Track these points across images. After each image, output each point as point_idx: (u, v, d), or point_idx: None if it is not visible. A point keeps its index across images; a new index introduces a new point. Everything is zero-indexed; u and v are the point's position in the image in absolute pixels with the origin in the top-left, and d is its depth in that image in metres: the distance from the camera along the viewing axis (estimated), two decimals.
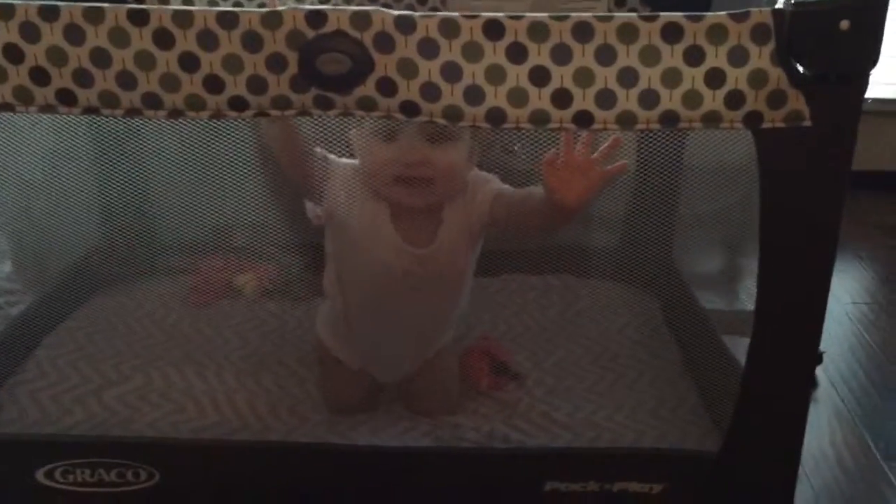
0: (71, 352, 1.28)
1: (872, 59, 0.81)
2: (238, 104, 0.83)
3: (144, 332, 1.36)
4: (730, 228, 1.72)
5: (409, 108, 0.83)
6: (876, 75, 0.83)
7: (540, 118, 0.83)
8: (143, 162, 1.40)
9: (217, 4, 1.48)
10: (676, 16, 0.80)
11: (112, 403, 1.17)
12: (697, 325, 1.32)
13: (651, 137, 1.49)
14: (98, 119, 1.32)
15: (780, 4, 0.81)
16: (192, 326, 1.38)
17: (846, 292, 2.03)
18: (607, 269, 1.55)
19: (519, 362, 1.30)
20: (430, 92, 0.82)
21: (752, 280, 1.10)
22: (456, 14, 0.80)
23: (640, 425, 1.15)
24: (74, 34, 0.81)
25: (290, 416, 1.17)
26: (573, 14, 0.80)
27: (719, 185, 1.54)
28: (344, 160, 1.04)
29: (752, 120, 0.83)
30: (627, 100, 0.82)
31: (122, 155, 1.37)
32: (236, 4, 1.47)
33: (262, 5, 1.44)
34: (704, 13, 0.80)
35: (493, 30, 0.80)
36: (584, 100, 0.82)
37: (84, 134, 1.36)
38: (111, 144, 1.35)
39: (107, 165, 1.36)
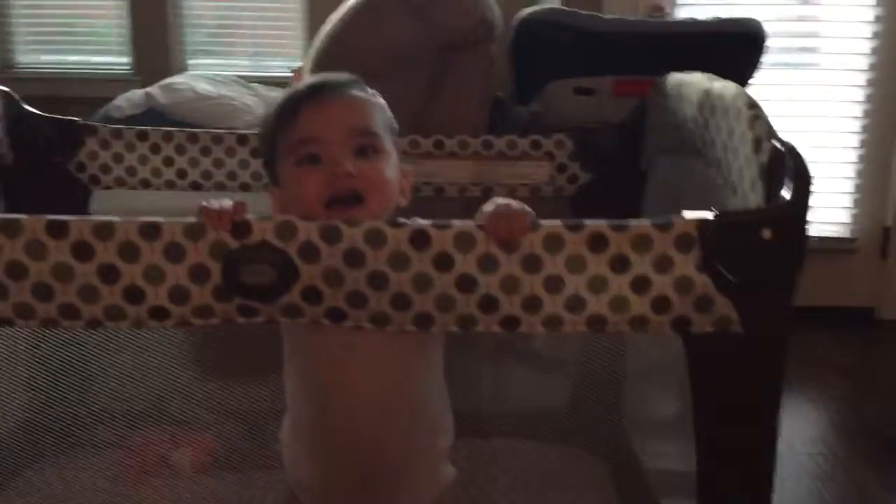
0: None
1: (797, 264, 0.82)
2: (159, 314, 0.81)
3: None
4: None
5: (336, 314, 0.82)
6: (820, 214, 0.83)
7: (467, 322, 0.83)
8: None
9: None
10: (601, 226, 0.80)
11: None
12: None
13: None
14: None
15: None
16: None
17: (800, 441, 2.01)
18: (557, 433, 1.53)
19: None
20: (357, 299, 0.81)
21: None
22: (382, 224, 0.80)
23: None
24: None
25: None
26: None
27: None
28: None
29: (680, 324, 0.83)
30: (554, 305, 0.82)
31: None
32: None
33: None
34: (628, 222, 0.81)
35: (420, 240, 0.80)
36: (510, 305, 0.82)
37: None
38: None
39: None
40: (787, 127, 0.97)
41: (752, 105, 0.95)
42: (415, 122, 1.57)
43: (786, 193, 0.82)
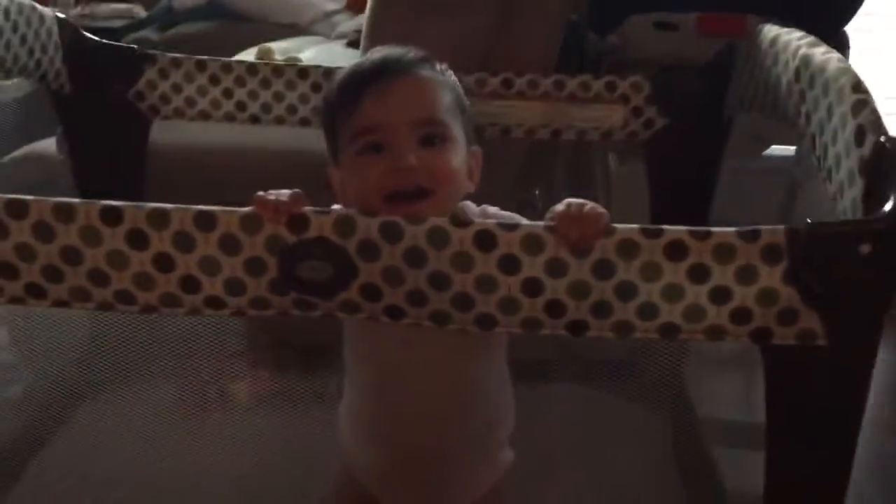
0: (59, 479, 1.24)
1: (894, 282, 0.75)
2: (215, 303, 0.79)
3: (132, 450, 1.32)
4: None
5: (395, 312, 0.79)
6: None
7: (532, 324, 0.79)
8: None
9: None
10: (681, 233, 0.75)
11: None
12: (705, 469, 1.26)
13: None
14: None
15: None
16: (182, 443, 1.33)
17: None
18: (618, 383, 1.50)
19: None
20: (417, 298, 0.78)
21: None
22: (445, 221, 0.76)
23: None
24: (44, 231, 0.77)
25: None
26: None
27: None
28: None
29: (760, 336, 0.78)
30: (625, 312, 0.77)
31: None
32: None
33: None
34: (711, 229, 0.75)
35: (485, 241, 0.75)
36: (578, 310, 0.77)
37: None
38: None
39: None
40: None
41: (859, 87, 0.85)
42: (482, 58, 1.49)
43: (890, 202, 0.74)
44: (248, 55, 2.28)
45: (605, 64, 1.58)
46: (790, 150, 1.60)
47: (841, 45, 1.60)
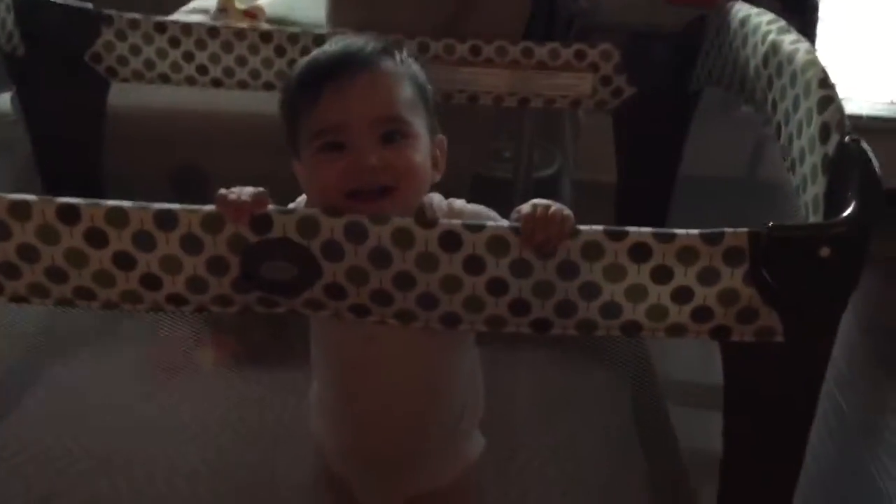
0: (16, 453, 1.24)
1: (852, 283, 0.76)
2: (177, 300, 0.78)
3: (96, 417, 1.32)
4: None
5: (360, 310, 0.79)
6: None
7: (497, 322, 0.79)
8: None
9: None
10: (645, 235, 0.75)
11: None
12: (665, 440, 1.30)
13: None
14: None
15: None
16: (148, 408, 1.34)
17: None
18: (584, 346, 1.52)
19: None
20: (382, 298, 0.78)
21: None
22: (410, 221, 0.75)
23: None
24: None
25: None
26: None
27: None
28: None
29: (720, 333, 0.79)
30: (588, 311, 0.78)
31: None
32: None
33: None
34: (675, 231, 0.75)
35: (450, 242, 0.75)
36: (542, 309, 0.78)
37: None
38: None
39: None
40: None
41: (825, 82, 0.85)
42: (451, 19, 1.46)
43: (851, 206, 0.75)
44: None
45: (575, 27, 1.56)
46: None
47: (811, 9, 1.59)
